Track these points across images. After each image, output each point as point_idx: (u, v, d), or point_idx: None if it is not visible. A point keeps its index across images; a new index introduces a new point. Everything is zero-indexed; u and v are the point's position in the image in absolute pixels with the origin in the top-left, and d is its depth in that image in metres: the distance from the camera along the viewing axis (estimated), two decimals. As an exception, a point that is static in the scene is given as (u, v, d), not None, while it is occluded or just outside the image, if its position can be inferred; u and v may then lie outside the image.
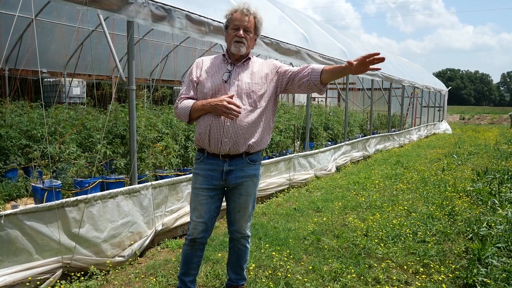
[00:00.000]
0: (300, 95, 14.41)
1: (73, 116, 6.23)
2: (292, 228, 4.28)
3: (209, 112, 2.39)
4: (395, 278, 3.17)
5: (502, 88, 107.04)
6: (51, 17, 8.32)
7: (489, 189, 5.88)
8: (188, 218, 3.83)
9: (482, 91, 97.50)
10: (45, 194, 3.95)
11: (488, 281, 3.03)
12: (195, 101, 2.44)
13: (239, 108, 2.33)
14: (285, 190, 6.01)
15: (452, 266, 3.39)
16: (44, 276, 2.79)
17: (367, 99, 12.65)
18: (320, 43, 7.65)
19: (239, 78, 2.44)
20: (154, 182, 3.76)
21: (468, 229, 4.25)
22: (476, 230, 4.15)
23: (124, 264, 3.30)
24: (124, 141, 4.91)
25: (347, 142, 8.64)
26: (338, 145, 8.14)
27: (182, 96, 2.51)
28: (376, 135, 10.88)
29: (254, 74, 2.47)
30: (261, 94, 2.45)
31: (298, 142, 7.33)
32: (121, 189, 3.38)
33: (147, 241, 3.59)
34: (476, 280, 3.07)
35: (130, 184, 3.64)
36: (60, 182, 4.29)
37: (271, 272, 3.19)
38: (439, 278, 3.17)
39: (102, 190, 3.96)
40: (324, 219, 4.60)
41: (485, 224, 4.29)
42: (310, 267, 3.31)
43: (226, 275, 2.91)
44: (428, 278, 3.19)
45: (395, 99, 13.84)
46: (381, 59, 2.17)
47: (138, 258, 3.48)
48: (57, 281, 2.89)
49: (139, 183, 3.65)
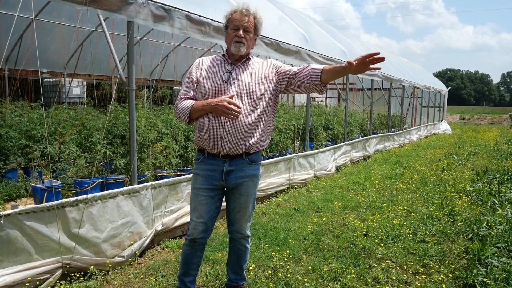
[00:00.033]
0: (300, 95, 14.41)
1: (73, 116, 6.24)
2: (292, 228, 4.28)
3: (209, 112, 2.39)
4: (395, 278, 3.17)
5: (502, 88, 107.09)
6: (51, 17, 8.32)
7: (489, 189, 5.88)
8: (188, 218, 3.83)
9: (482, 91, 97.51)
10: (45, 194, 3.95)
11: (488, 281, 3.03)
12: (195, 102, 2.44)
13: (239, 108, 2.33)
14: (285, 190, 6.01)
15: (452, 266, 3.39)
16: (44, 276, 2.80)
17: (367, 99, 12.65)
18: (320, 43, 7.65)
19: (239, 78, 2.44)
20: (154, 182, 3.76)
21: (468, 229, 4.25)
22: (476, 230, 4.15)
23: (124, 264, 3.30)
24: (124, 141, 4.91)
25: (347, 142, 8.64)
26: (338, 145, 8.14)
27: (182, 97, 2.51)
28: (376, 135, 10.88)
29: (254, 74, 2.47)
30: (261, 94, 2.45)
31: (298, 142, 7.33)
32: (121, 189, 3.38)
33: (147, 241, 3.60)
34: (476, 280, 3.07)
35: (130, 184, 3.64)
36: (60, 182, 4.28)
37: (271, 272, 3.19)
38: (439, 278, 3.17)
39: (102, 190, 3.97)
40: (324, 219, 4.60)
41: (485, 224, 4.29)
42: (310, 267, 3.31)
43: (226, 275, 2.91)
44: (428, 278, 3.19)
45: (395, 99, 13.84)
46: (381, 59, 2.17)
47: (138, 258, 3.48)
48: (57, 281, 2.89)
49: (139, 183, 3.65)
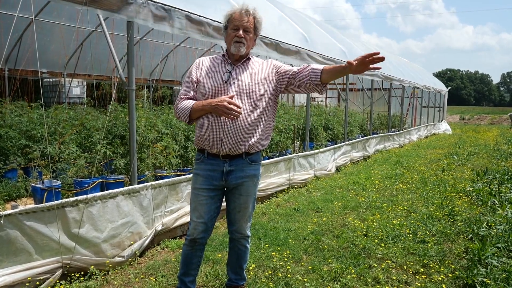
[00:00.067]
0: (300, 95, 14.41)
1: (73, 116, 6.23)
2: (292, 228, 4.28)
3: (210, 113, 2.39)
4: (395, 278, 3.17)
5: (502, 88, 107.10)
6: (51, 17, 8.32)
7: (489, 189, 5.88)
8: (188, 218, 3.83)
9: (482, 91, 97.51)
10: (45, 194, 3.95)
11: (488, 281, 3.03)
12: (195, 102, 2.44)
13: (240, 109, 2.33)
14: (285, 190, 6.01)
15: (452, 266, 3.39)
16: (44, 276, 2.79)
17: (367, 99, 12.65)
18: (320, 43, 7.65)
19: (239, 79, 2.44)
20: (154, 182, 3.76)
21: (468, 229, 4.25)
22: (476, 230, 4.15)
23: (124, 264, 3.30)
24: (124, 141, 4.91)
25: (347, 142, 8.64)
26: (338, 145, 8.14)
27: (182, 97, 2.51)
28: (376, 135, 10.88)
29: (254, 74, 2.47)
30: (261, 94, 2.45)
31: (298, 142, 7.33)
32: (121, 189, 3.38)
33: (147, 241, 3.59)
34: (476, 280, 3.07)
35: (130, 184, 3.64)
36: (60, 182, 4.28)
37: (271, 272, 3.19)
38: (439, 278, 3.17)
39: (102, 190, 3.97)
40: (324, 219, 4.60)
41: (485, 224, 4.29)
42: (310, 267, 3.31)
43: (226, 275, 2.91)
44: (428, 278, 3.19)
45: (395, 99, 13.84)
46: (381, 59, 2.17)
47: (138, 258, 3.48)
48: (57, 281, 2.89)
49: (139, 183, 3.65)
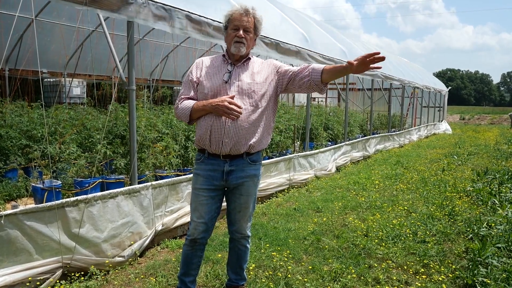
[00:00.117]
0: (300, 95, 14.42)
1: (73, 116, 6.24)
2: (292, 228, 4.28)
3: (210, 113, 2.39)
4: (395, 278, 3.17)
5: (502, 88, 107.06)
6: (51, 17, 8.32)
7: (489, 189, 5.88)
8: (188, 218, 3.83)
9: (482, 91, 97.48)
10: (45, 194, 3.95)
11: (488, 281, 3.03)
12: (196, 102, 2.44)
13: (240, 109, 2.33)
14: (285, 190, 6.01)
15: (452, 266, 3.39)
16: (44, 276, 2.80)
17: (367, 99, 12.65)
18: (320, 43, 7.65)
19: (240, 79, 2.43)
20: (154, 182, 3.76)
21: (468, 229, 4.25)
22: (476, 230, 4.15)
23: (124, 264, 3.30)
24: (124, 141, 4.91)
25: (347, 142, 8.64)
26: (338, 145, 8.14)
27: (182, 97, 2.51)
28: (376, 135, 10.87)
29: (255, 74, 2.47)
30: (262, 94, 2.44)
31: (298, 142, 7.33)
32: (121, 189, 3.38)
33: (147, 241, 3.60)
34: (476, 280, 3.07)
35: (130, 184, 3.64)
36: (60, 182, 4.29)
37: (271, 272, 3.19)
38: (439, 278, 3.17)
39: (102, 190, 3.97)
40: (324, 219, 4.60)
41: (485, 224, 4.29)
42: (310, 267, 3.31)
43: (226, 275, 2.91)
44: (428, 278, 3.19)
45: (395, 99, 13.84)
46: (382, 58, 2.18)
47: (138, 258, 3.48)
48: (57, 281, 2.89)
49: (139, 183, 3.65)
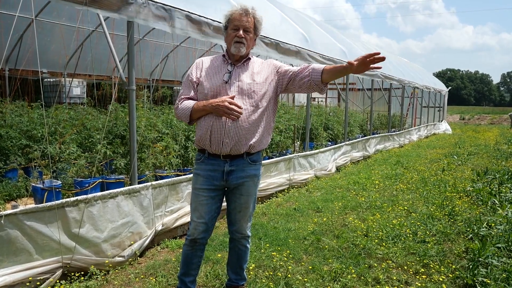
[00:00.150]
0: (300, 95, 14.42)
1: (73, 116, 6.24)
2: (292, 228, 4.28)
3: (210, 113, 2.39)
4: (395, 278, 3.17)
5: (502, 88, 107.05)
6: (51, 17, 8.33)
7: (489, 189, 5.88)
8: (188, 218, 3.83)
9: (482, 91, 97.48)
10: (45, 194, 3.95)
11: (488, 281, 3.03)
12: (196, 102, 2.44)
13: (241, 109, 2.34)
14: (285, 190, 6.01)
15: (452, 266, 3.39)
16: (44, 276, 2.80)
17: (367, 99, 12.65)
18: (320, 43, 7.65)
19: (240, 79, 2.43)
20: (154, 182, 3.76)
21: (468, 229, 4.25)
22: (476, 230, 4.15)
23: (124, 264, 3.30)
24: (124, 141, 4.91)
25: (347, 142, 8.64)
26: (338, 145, 8.14)
27: (182, 97, 2.50)
28: (376, 135, 10.88)
29: (255, 75, 2.47)
30: (262, 94, 2.44)
31: (298, 142, 7.33)
32: (121, 189, 3.38)
33: (147, 241, 3.60)
34: (476, 280, 3.07)
35: (130, 184, 3.64)
36: (60, 182, 4.29)
37: (271, 272, 3.19)
38: (439, 278, 3.17)
39: (102, 190, 3.97)
40: (324, 219, 4.60)
41: (485, 224, 4.29)
42: (310, 267, 3.31)
43: (226, 275, 2.91)
44: (428, 278, 3.19)
45: (395, 99, 13.84)
46: (382, 58, 2.18)
47: (138, 258, 3.48)
48: (57, 281, 2.89)
49: (139, 183, 3.65)
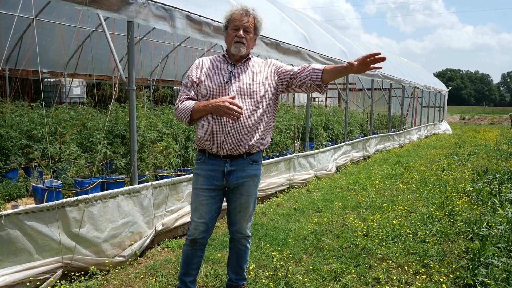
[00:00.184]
0: (300, 95, 14.42)
1: (74, 116, 6.23)
2: (292, 228, 4.28)
3: (211, 113, 2.39)
4: (395, 278, 3.17)
5: (502, 88, 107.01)
6: (51, 17, 8.33)
7: (489, 189, 5.88)
8: (188, 218, 3.83)
9: (482, 91, 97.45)
10: (46, 194, 3.95)
11: (488, 281, 3.03)
12: (196, 102, 2.44)
13: (241, 109, 2.34)
14: (285, 190, 6.01)
15: (452, 266, 3.39)
16: (44, 276, 2.80)
17: (367, 99, 12.65)
18: (320, 43, 7.65)
19: (240, 79, 2.43)
20: (155, 182, 3.76)
21: (468, 229, 4.25)
22: (476, 230, 4.15)
23: (124, 264, 3.31)
24: (125, 141, 4.91)
25: (347, 142, 8.64)
26: (338, 145, 8.14)
27: (183, 97, 2.50)
28: (376, 135, 10.87)
29: (255, 75, 2.47)
30: (262, 94, 2.44)
31: (298, 142, 7.33)
32: (122, 189, 3.38)
33: (147, 241, 3.60)
34: (476, 280, 3.07)
35: (131, 184, 3.64)
36: (61, 182, 4.29)
37: (271, 272, 3.19)
38: (440, 279, 3.17)
39: (103, 190, 3.97)
40: (324, 219, 4.60)
41: (485, 224, 4.29)
42: (310, 267, 3.31)
43: (226, 275, 2.91)
44: (428, 278, 3.19)
45: (395, 99, 13.84)
46: (382, 59, 2.18)
47: (138, 258, 3.48)
48: (57, 281, 2.89)
49: (140, 183, 3.65)
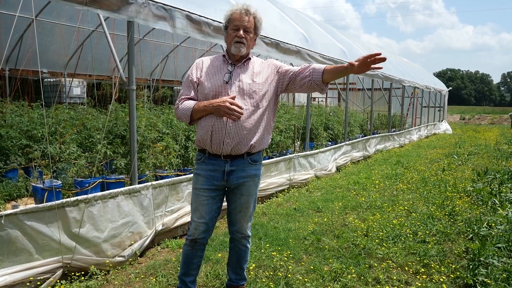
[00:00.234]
0: (300, 95, 14.42)
1: (74, 116, 6.23)
2: (292, 228, 4.28)
3: (211, 113, 2.39)
4: (396, 278, 3.17)
5: (503, 88, 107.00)
6: (51, 17, 8.33)
7: (490, 189, 5.88)
8: (188, 218, 3.83)
9: (483, 91, 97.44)
10: (46, 194, 3.95)
11: (488, 281, 3.03)
12: (197, 102, 2.44)
13: (242, 109, 2.33)
14: (285, 190, 6.01)
15: (453, 266, 3.39)
16: (44, 276, 2.80)
17: (367, 99, 12.65)
18: (320, 43, 7.65)
19: (240, 79, 2.43)
20: (155, 182, 3.76)
21: (469, 229, 4.25)
22: (477, 230, 4.15)
23: (124, 264, 3.31)
24: (125, 141, 4.91)
25: (347, 142, 8.64)
26: (338, 145, 8.14)
27: (183, 97, 2.50)
28: (377, 135, 10.87)
29: (255, 75, 2.47)
30: (262, 94, 2.44)
31: (298, 142, 7.33)
32: (122, 189, 3.38)
33: (147, 241, 3.60)
34: (476, 280, 3.07)
35: (131, 184, 3.64)
36: (61, 182, 4.29)
37: (272, 272, 3.19)
38: (440, 279, 3.17)
39: (103, 190, 3.97)
40: (325, 219, 4.60)
41: (486, 224, 4.29)
42: (311, 267, 3.31)
43: (226, 275, 2.91)
44: (429, 278, 3.19)
45: (395, 99, 13.83)
46: (383, 59, 2.18)
47: (138, 258, 3.48)
48: (57, 281, 2.89)
49: (140, 183, 3.65)
